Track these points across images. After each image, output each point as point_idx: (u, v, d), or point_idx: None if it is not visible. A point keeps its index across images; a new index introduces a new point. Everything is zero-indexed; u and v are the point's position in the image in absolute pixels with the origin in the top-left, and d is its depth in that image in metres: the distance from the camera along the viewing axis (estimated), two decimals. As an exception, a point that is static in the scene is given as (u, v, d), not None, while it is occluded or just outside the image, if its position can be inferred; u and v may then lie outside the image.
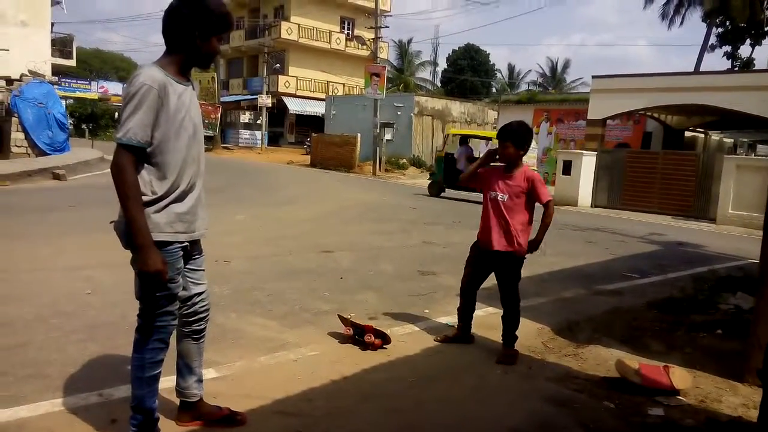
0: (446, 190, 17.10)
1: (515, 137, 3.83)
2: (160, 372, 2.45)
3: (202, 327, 2.64)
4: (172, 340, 2.55)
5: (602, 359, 4.01)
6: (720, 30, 32.72)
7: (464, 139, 17.26)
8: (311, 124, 38.72)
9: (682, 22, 34.69)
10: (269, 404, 2.98)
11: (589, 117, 19.94)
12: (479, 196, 4.41)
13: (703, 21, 33.25)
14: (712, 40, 33.04)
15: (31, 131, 17.01)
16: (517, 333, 3.97)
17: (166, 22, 2.36)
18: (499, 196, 3.86)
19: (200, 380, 2.69)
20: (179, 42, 2.36)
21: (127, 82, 2.29)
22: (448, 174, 16.88)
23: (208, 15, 2.34)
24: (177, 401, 2.70)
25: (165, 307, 2.39)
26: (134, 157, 2.23)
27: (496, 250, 3.86)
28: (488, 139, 17.52)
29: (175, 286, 2.39)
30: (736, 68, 31.77)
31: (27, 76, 18.30)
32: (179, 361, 2.64)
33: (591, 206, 17.71)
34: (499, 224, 3.85)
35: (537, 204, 3.92)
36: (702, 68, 31.15)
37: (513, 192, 3.83)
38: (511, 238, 3.83)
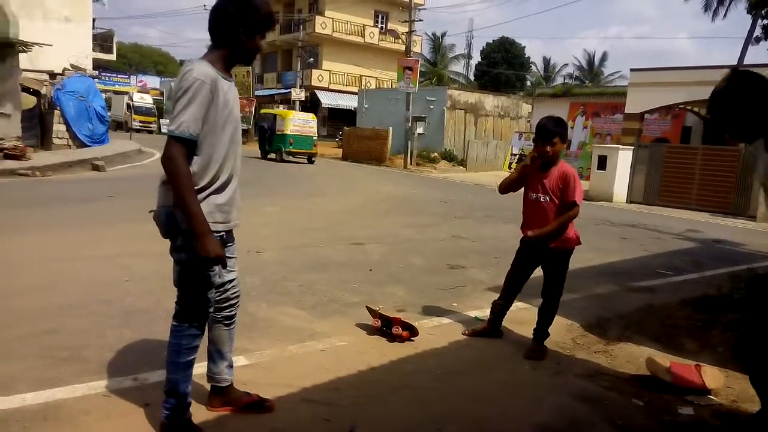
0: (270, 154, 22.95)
1: (564, 132, 3.78)
2: (194, 358, 2.52)
3: (233, 313, 2.72)
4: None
5: (632, 357, 3.95)
6: (765, 22, 31.61)
7: (273, 117, 23.53)
8: (344, 117, 38.84)
9: (725, 14, 33.66)
10: (297, 392, 3.03)
11: (626, 111, 19.57)
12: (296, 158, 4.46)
13: (748, 13, 31.99)
14: (757, 32, 31.80)
15: (72, 124, 17.54)
16: (549, 331, 3.94)
17: (212, 19, 2.42)
18: (541, 197, 3.79)
19: (231, 366, 2.76)
20: (225, 39, 2.43)
21: (179, 77, 2.35)
22: (262, 142, 23.46)
23: (253, 13, 2.40)
24: (208, 386, 2.78)
25: (204, 294, 2.46)
26: (186, 150, 2.29)
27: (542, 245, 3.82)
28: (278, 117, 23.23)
29: (214, 274, 2.46)
30: (782, 61, 30.68)
31: (69, 70, 18.85)
32: (211, 347, 2.71)
33: (626, 202, 17.37)
34: (543, 223, 3.78)
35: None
36: (746, 62, 30.19)
37: (551, 191, 3.76)
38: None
